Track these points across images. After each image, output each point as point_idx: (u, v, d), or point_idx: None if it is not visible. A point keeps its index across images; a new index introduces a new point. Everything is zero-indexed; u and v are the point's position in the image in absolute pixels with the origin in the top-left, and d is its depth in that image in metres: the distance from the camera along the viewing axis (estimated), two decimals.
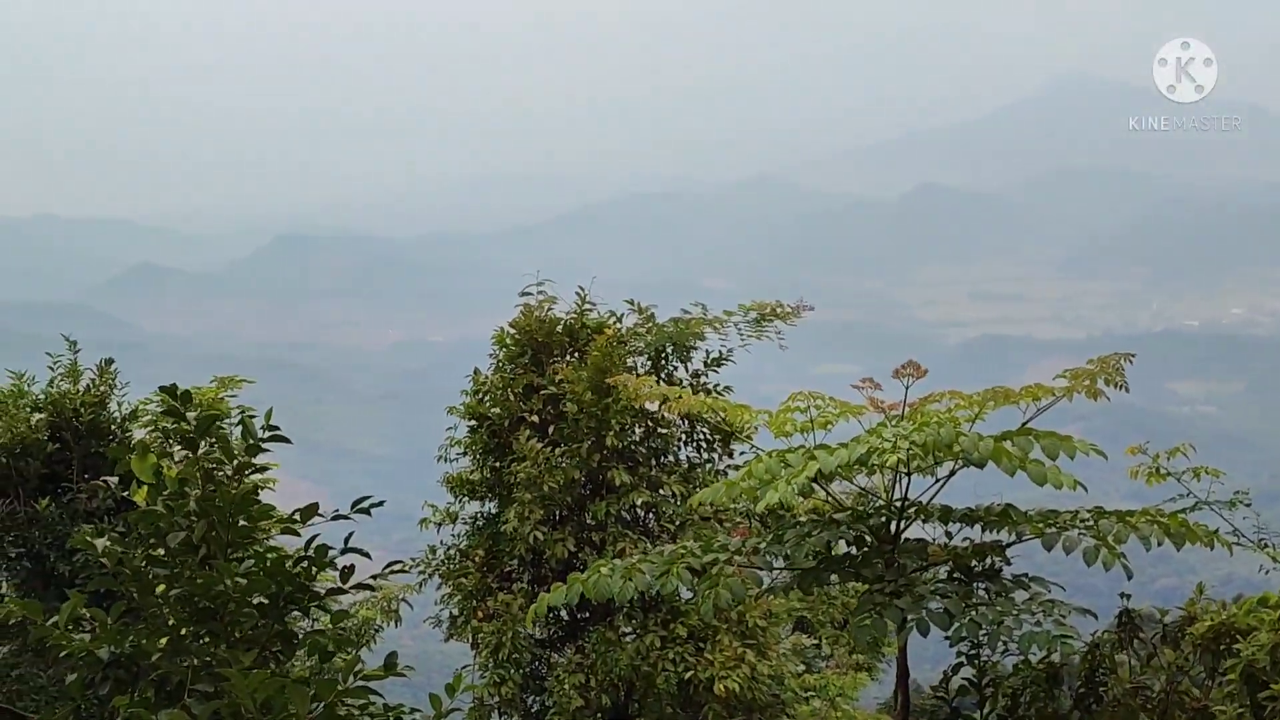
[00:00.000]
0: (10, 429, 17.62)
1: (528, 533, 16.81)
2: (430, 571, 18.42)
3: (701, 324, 17.80)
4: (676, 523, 17.05)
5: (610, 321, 17.93)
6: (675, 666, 16.33)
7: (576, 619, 17.94)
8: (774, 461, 9.57)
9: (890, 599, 9.53)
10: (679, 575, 10.09)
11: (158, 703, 7.13)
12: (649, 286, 21.48)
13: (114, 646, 7.34)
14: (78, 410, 18.05)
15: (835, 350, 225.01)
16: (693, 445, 17.95)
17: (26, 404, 18.10)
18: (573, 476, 16.83)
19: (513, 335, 18.06)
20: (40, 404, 18.16)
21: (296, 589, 7.46)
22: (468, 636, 17.69)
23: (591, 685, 16.68)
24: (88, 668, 7.46)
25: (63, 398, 18.12)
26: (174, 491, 7.35)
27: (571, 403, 16.92)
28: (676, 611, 16.73)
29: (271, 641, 7.51)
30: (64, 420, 18.01)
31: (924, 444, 9.13)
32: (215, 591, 7.20)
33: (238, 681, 6.43)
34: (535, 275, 18.44)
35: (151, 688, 7.30)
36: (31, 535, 17.47)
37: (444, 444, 18.24)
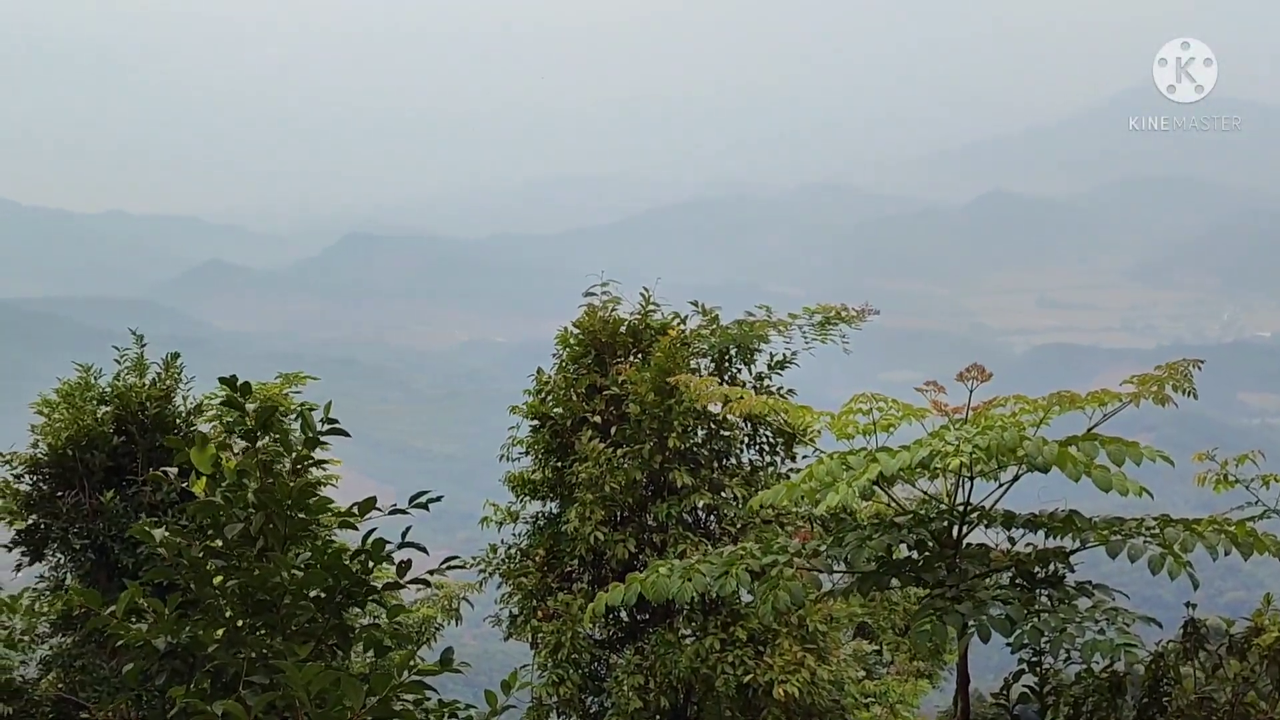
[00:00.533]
0: (76, 421, 17.77)
1: (589, 533, 16.76)
2: (491, 570, 18.41)
3: (766, 326, 17.68)
4: (738, 525, 16.95)
5: (674, 322, 17.86)
6: (735, 669, 16.23)
7: (636, 620, 17.88)
8: (835, 463, 9.48)
9: (952, 604, 9.42)
10: (738, 576, 10.02)
11: (213, 694, 7.14)
12: (713, 290, 21.39)
13: (171, 637, 7.36)
14: (143, 404, 18.18)
15: (901, 357, 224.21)
16: (755, 448, 17.85)
17: (93, 397, 18.25)
18: (634, 477, 16.77)
19: (576, 335, 18.02)
20: (106, 397, 18.30)
21: (353, 583, 7.46)
22: (527, 636, 17.68)
23: (650, 687, 16.62)
24: (145, 658, 7.48)
25: (129, 391, 18.25)
26: (232, 483, 7.37)
27: (634, 403, 16.86)
28: (737, 614, 16.64)
29: (327, 635, 7.51)
30: (130, 414, 18.13)
31: (987, 447, 9.01)
32: (272, 584, 7.21)
33: (292, 674, 6.42)
34: (600, 276, 18.41)
35: (207, 679, 7.31)
36: (96, 527, 17.61)
37: (506, 443, 18.23)
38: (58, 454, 17.80)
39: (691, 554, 14.91)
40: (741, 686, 16.23)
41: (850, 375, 44.67)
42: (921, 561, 10.26)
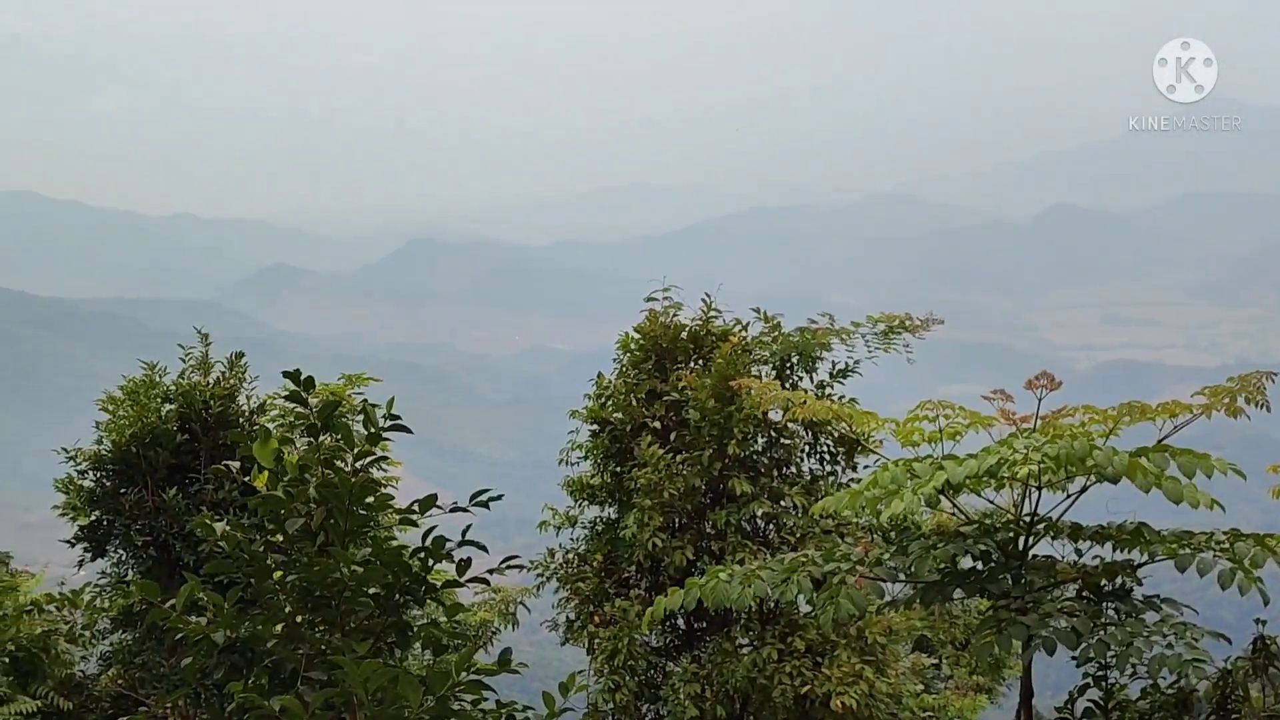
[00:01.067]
0: (141, 418, 17.86)
1: (647, 539, 16.69)
2: (548, 575, 18.36)
3: (828, 334, 17.55)
4: (797, 535, 16.81)
5: (735, 329, 17.77)
6: (792, 680, 16.11)
7: (693, 628, 17.79)
8: (900, 471, 9.36)
9: (1016, 616, 9.27)
10: (799, 584, 9.92)
11: (271, 689, 7.12)
12: (773, 299, 21.23)
13: (230, 632, 7.34)
14: (207, 402, 18.25)
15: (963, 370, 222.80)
16: (816, 456, 17.71)
17: (158, 394, 18.34)
18: (693, 484, 16.68)
19: (637, 340, 17.96)
20: (171, 395, 18.38)
21: (412, 580, 7.42)
22: (584, 641, 17.63)
23: (707, 696, 16.52)
24: (204, 653, 7.47)
25: (193, 389, 18.33)
26: (294, 478, 7.35)
27: (694, 410, 16.78)
28: (795, 624, 16.52)
29: (386, 632, 7.48)
30: (193, 411, 18.21)
31: (1056, 457, 8.87)
32: (331, 579, 7.18)
33: (351, 670, 6.38)
34: (661, 281, 18.34)
35: (266, 674, 7.29)
36: (158, 524, 17.69)
37: (565, 447, 18.19)
38: (122, 451, 17.90)
39: (750, 562, 14.76)
40: (799, 698, 16.11)
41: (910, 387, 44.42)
42: (986, 573, 10.11)
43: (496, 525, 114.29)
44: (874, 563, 10.16)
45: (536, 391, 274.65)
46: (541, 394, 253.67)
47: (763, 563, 10.44)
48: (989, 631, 9.34)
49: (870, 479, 9.74)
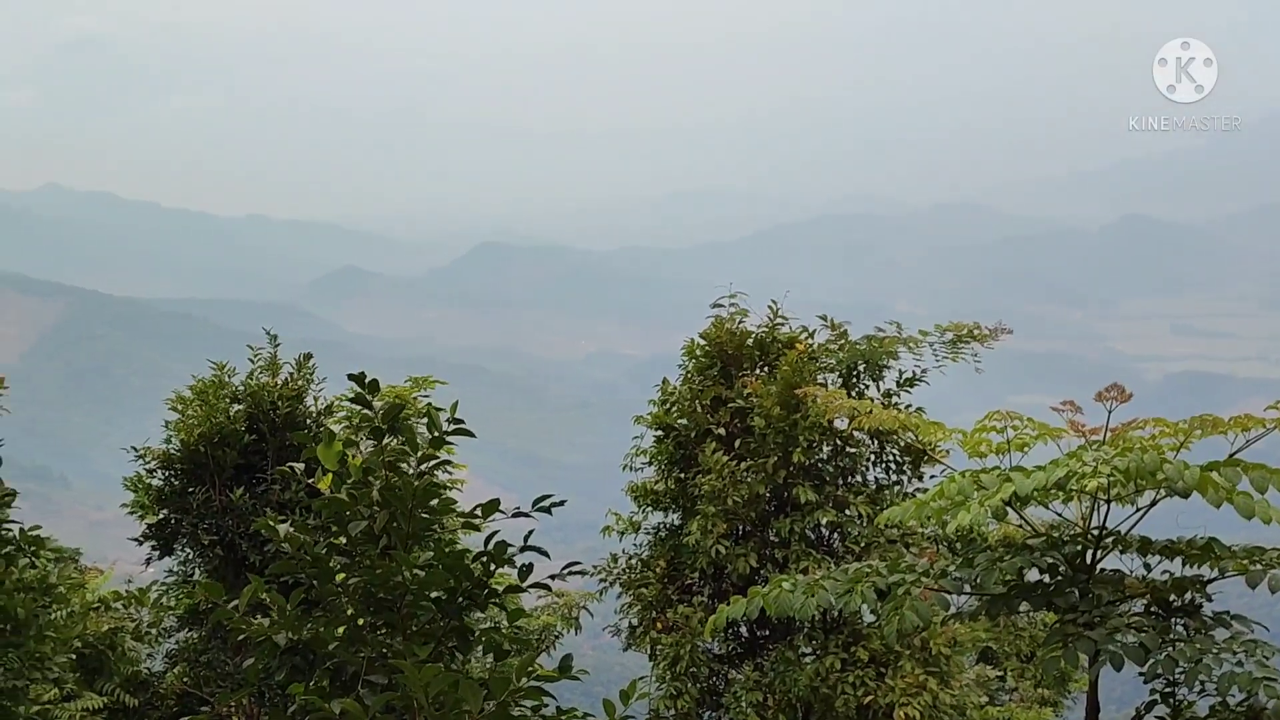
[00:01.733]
0: (209, 418, 18.00)
1: (710, 546, 16.64)
2: (611, 580, 18.35)
3: (896, 343, 17.43)
4: (862, 544, 16.70)
5: (802, 336, 17.68)
6: (855, 690, 16.02)
7: (756, 636, 17.72)
8: (967, 482, 9.26)
9: (1083, 630, 9.14)
10: (863, 594, 9.83)
11: (333, 692, 7.13)
12: (840, 307, 21.15)
13: (292, 633, 7.36)
14: (275, 403, 18.36)
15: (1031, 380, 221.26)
16: (881, 466, 17.59)
17: (226, 395, 18.47)
18: (758, 492, 16.62)
19: (703, 346, 17.91)
20: (239, 395, 18.51)
21: (474, 585, 7.41)
22: (646, 647, 17.59)
23: (769, 704, 16.45)
24: (266, 654, 7.49)
25: (261, 390, 18.45)
26: (358, 480, 7.36)
27: (759, 417, 16.71)
28: (858, 634, 16.42)
29: (447, 636, 7.47)
30: (261, 412, 18.33)
31: (1126, 470, 8.73)
32: (393, 583, 7.19)
33: (411, 674, 6.38)
34: (728, 288, 18.28)
35: (327, 676, 7.30)
36: (225, 524, 17.82)
37: (629, 453, 18.16)
38: (190, 450, 18.04)
39: (814, 571, 14.71)
40: (861, 708, 16.01)
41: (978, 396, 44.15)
42: (1053, 586, 9.98)
43: (560, 529, 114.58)
44: (939, 574, 10.05)
45: (603, 396, 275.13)
46: (608, 399, 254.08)
47: (826, 572, 10.35)
48: (1055, 645, 9.21)
49: (937, 489, 9.63)
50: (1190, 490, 8.77)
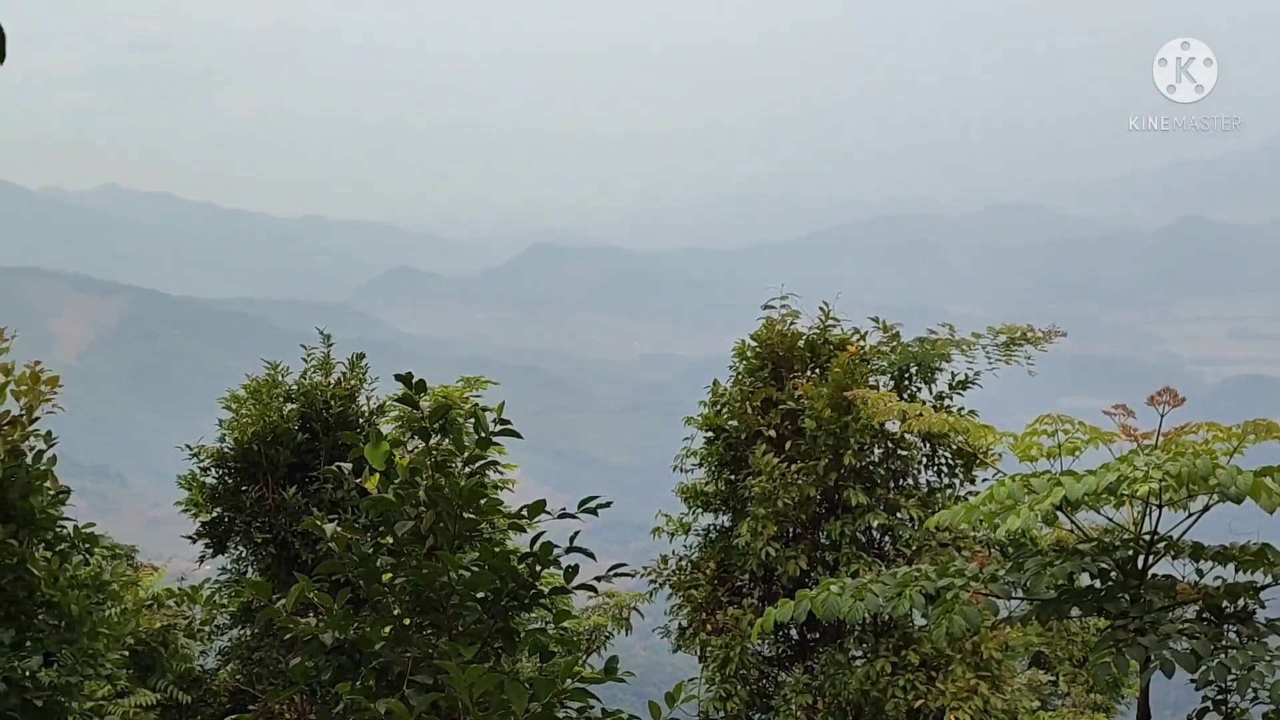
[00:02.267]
0: (263, 417, 18.13)
1: (760, 548, 16.61)
2: (661, 581, 18.34)
3: (948, 345, 17.34)
4: (913, 547, 16.64)
5: (853, 338, 17.62)
6: (905, 694, 15.95)
7: (806, 639, 17.68)
8: (1017, 486, 9.21)
9: (1134, 636, 9.07)
10: (912, 599, 9.78)
11: (378, 691, 7.16)
12: (893, 309, 21.04)
13: (338, 632, 7.39)
14: (328, 402, 18.48)
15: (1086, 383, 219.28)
16: (933, 469, 17.51)
17: (280, 394, 18.60)
18: (808, 494, 16.58)
19: (753, 348, 17.88)
20: (293, 394, 18.64)
21: (520, 586, 7.42)
22: (695, 648, 17.58)
23: (819, 707, 16.41)
24: (313, 653, 7.53)
25: (314, 389, 18.57)
26: (404, 480, 7.39)
27: (810, 419, 16.67)
28: (909, 638, 16.35)
29: (493, 637, 7.48)
30: (314, 411, 18.45)
31: (1178, 475, 8.66)
32: (439, 583, 7.21)
33: (456, 675, 6.39)
34: (779, 289, 18.24)
35: (373, 676, 7.33)
36: (278, 522, 17.95)
37: (680, 454, 18.15)
38: (243, 449, 18.18)
39: (864, 574, 14.64)
40: (912, 712, 15.95)
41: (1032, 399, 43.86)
42: (1104, 591, 9.91)
43: (612, 529, 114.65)
44: (989, 578, 10.00)
45: (656, 397, 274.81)
46: (661, 400, 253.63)
47: (875, 576, 10.31)
48: (1106, 651, 9.15)
49: (986, 493, 9.59)
50: (1243, 496, 8.68)
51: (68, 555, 12.23)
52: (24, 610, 11.87)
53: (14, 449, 11.79)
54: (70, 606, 12.00)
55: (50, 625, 11.98)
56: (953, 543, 16.63)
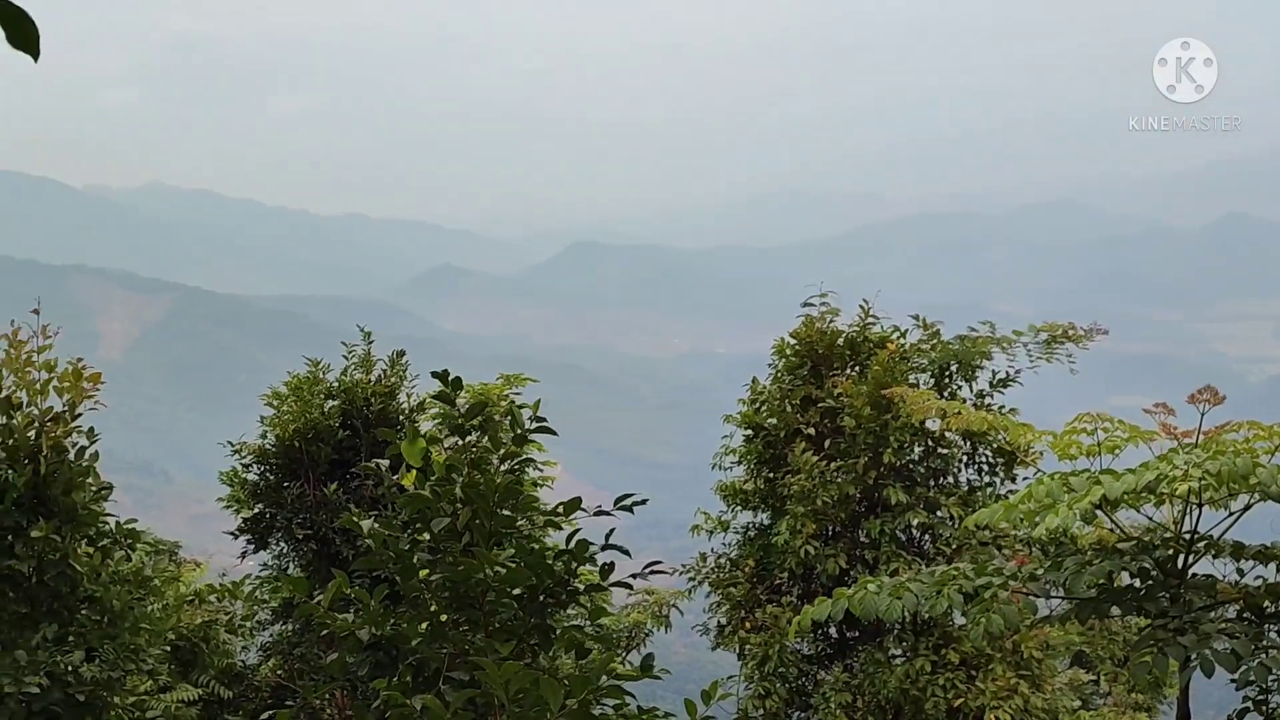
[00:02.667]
0: (304, 414, 18.19)
1: (799, 546, 16.59)
2: (700, 579, 18.35)
3: (989, 343, 17.26)
4: (953, 546, 16.58)
5: (893, 336, 17.57)
6: (945, 693, 15.89)
7: (845, 637, 17.64)
8: (1056, 484, 9.16)
9: (1174, 636, 9.02)
10: (950, 597, 9.74)
11: (415, 687, 7.18)
12: (935, 308, 20.96)
13: (375, 628, 7.42)
14: (368, 399, 18.53)
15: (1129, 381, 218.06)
16: (974, 467, 17.44)
17: (321, 391, 18.67)
18: (847, 492, 16.54)
19: (793, 346, 17.86)
20: (334, 392, 18.70)
21: (556, 583, 7.44)
22: (735, 646, 17.58)
23: (858, 706, 16.37)
24: (351, 649, 7.57)
25: (355, 386, 18.63)
26: (441, 477, 7.41)
27: (849, 417, 16.63)
28: (949, 637, 16.29)
29: (529, 634, 7.50)
30: (355, 408, 18.51)
31: (1218, 474, 8.60)
32: (475, 580, 7.22)
33: (492, 672, 6.39)
34: (818, 287, 18.22)
35: (410, 672, 7.36)
36: (319, 518, 18.01)
37: (719, 452, 18.15)
38: (285, 445, 18.25)
39: (904, 573, 14.59)
40: (951, 710, 15.89)
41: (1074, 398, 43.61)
42: (1144, 590, 9.85)
43: (653, 527, 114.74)
44: (1027, 577, 9.95)
45: (696, 395, 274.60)
46: (701, 398, 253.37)
47: (913, 574, 10.28)
48: (1146, 651, 9.09)
49: (1025, 492, 9.54)
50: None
51: (110, 551, 12.34)
52: (66, 605, 11.99)
53: (57, 445, 11.90)
54: (112, 602, 12.11)
55: (92, 620, 12.09)
56: (993, 541, 16.55)
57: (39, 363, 11.99)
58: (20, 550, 11.49)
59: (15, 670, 10.97)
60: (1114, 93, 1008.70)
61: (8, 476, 11.43)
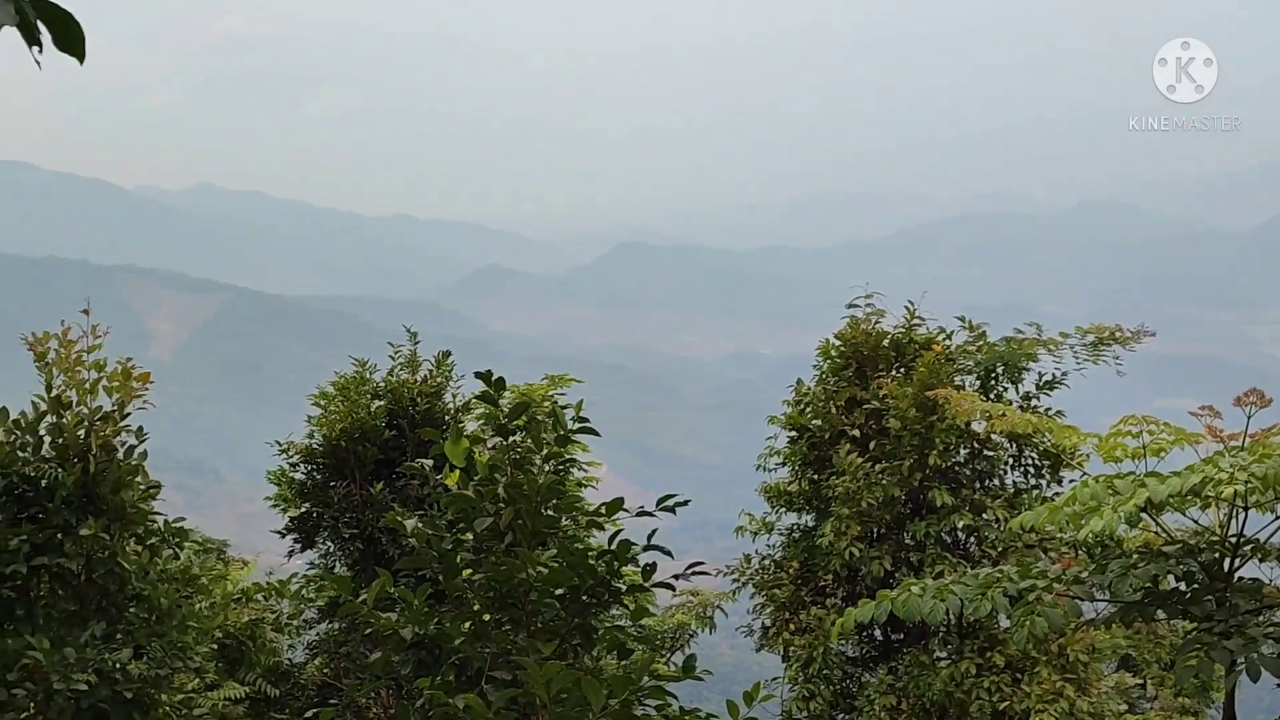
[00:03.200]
0: (351, 414, 18.31)
1: (844, 548, 16.56)
2: (744, 580, 18.34)
3: (1035, 345, 17.19)
4: (999, 548, 16.50)
5: (939, 337, 17.52)
6: (990, 696, 15.83)
7: (890, 639, 17.60)
8: (1100, 487, 9.12)
9: (1220, 640, 8.96)
10: (994, 600, 9.72)
11: (457, 687, 7.22)
12: (982, 309, 20.88)
13: (418, 628, 7.47)
14: (414, 399, 18.63)
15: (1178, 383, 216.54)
16: (1019, 470, 17.37)
17: (367, 391, 18.78)
18: (892, 494, 16.50)
19: (837, 347, 17.83)
20: (380, 392, 18.81)
21: (599, 583, 7.46)
22: (779, 648, 17.56)
23: (903, 708, 16.33)
24: (394, 648, 7.61)
25: (401, 386, 18.73)
26: (484, 477, 7.45)
27: (895, 419, 16.59)
28: (994, 639, 16.23)
29: (571, 634, 7.52)
30: (401, 408, 18.61)
31: (1264, 476, 8.54)
32: (518, 580, 7.26)
33: (534, 671, 6.43)
34: (864, 288, 18.18)
35: (453, 671, 7.39)
36: (365, 518, 18.11)
37: (763, 453, 18.14)
38: (332, 445, 18.37)
39: (949, 575, 14.56)
40: (997, 714, 15.83)
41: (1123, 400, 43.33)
42: (1189, 594, 9.79)
43: (699, 528, 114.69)
44: (1072, 580, 9.91)
45: (741, 396, 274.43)
46: (746, 398, 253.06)
47: (957, 577, 10.25)
48: (1192, 655, 9.05)
49: (1070, 494, 9.51)
50: None
51: (158, 549, 12.45)
52: (115, 603, 12.10)
53: (106, 444, 12.01)
54: (160, 600, 12.21)
55: (140, 618, 12.20)
56: (1038, 544, 16.47)
57: (89, 362, 12.10)
58: (69, 548, 11.60)
59: (64, 667, 11.08)
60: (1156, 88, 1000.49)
61: (57, 475, 11.54)
